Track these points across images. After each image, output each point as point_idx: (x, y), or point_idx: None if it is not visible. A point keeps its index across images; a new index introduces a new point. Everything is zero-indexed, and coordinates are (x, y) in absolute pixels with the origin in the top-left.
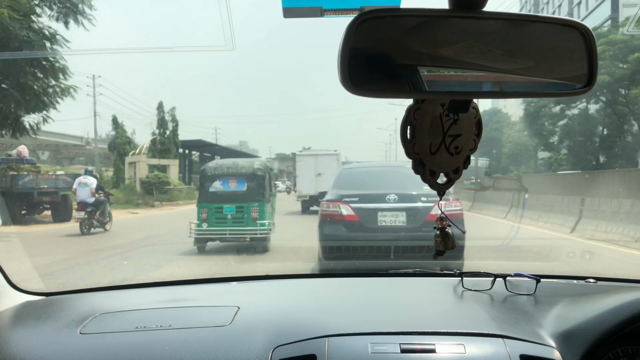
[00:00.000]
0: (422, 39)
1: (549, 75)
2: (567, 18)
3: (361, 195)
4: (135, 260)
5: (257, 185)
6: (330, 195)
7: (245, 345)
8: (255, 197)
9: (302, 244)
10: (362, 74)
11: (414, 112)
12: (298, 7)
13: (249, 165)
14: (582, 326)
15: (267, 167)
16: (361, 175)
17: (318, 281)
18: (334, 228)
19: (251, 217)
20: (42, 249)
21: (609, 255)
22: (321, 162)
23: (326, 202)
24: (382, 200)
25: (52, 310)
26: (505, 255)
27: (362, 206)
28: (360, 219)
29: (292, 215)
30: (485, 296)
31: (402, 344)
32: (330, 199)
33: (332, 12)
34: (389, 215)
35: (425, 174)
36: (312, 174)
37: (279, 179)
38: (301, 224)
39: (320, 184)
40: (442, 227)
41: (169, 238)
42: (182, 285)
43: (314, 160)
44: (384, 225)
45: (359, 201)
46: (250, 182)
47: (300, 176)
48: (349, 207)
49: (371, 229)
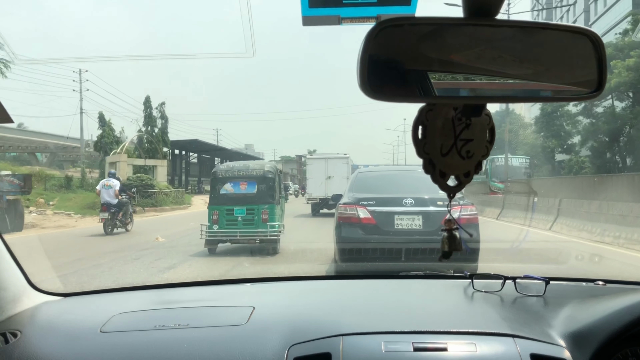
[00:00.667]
0: (437, 46)
1: (559, 80)
2: (578, 25)
3: (378, 198)
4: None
5: (267, 187)
6: (348, 198)
7: (261, 344)
8: (266, 200)
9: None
10: (380, 79)
11: (426, 113)
12: (317, 15)
13: (259, 168)
14: (592, 327)
15: (277, 170)
16: (377, 179)
17: (331, 283)
18: (351, 230)
19: (261, 219)
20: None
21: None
22: (331, 165)
23: (344, 205)
24: (399, 204)
25: (73, 310)
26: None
27: (380, 209)
28: (378, 222)
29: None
30: (495, 297)
31: (415, 342)
32: (347, 201)
33: (350, 20)
34: (406, 219)
35: (436, 175)
36: (322, 177)
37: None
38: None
39: (330, 186)
40: (449, 228)
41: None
42: (196, 287)
43: (324, 163)
44: (400, 228)
45: (376, 204)
46: (260, 184)
47: (310, 179)
48: (366, 210)
49: (388, 232)
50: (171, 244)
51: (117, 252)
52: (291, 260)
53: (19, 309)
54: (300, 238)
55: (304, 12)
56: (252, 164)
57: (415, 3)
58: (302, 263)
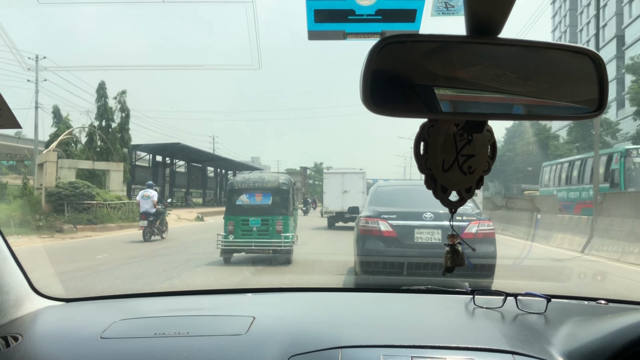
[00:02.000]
0: (440, 63)
1: (561, 99)
2: (579, 45)
3: (399, 212)
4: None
5: (281, 199)
6: (368, 211)
7: (260, 354)
8: (280, 211)
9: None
10: (383, 94)
11: (427, 129)
12: (322, 30)
13: (274, 180)
14: (591, 345)
15: (291, 182)
16: (396, 193)
17: (332, 295)
18: (372, 243)
19: (275, 230)
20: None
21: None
22: (347, 180)
23: (365, 218)
24: (419, 218)
25: (74, 316)
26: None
27: (400, 223)
28: (398, 235)
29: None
30: (496, 314)
31: (414, 356)
32: (368, 215)
33: (355, 35)
34: (425, 233)
35: (437, 190)
36: (338, 191)
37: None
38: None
39: (346, 200)
40: (452, 243)
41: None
42: (198, 295)
43: (340, 178)
44: (420, 242)
45: (396, 218)
46: (275, 196)
47: (327, 193)
48: (387, 224)
49: (408, 244)
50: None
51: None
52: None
53: (20, 313)
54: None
55: (310, 27)
56: (267, 176)
57: (420, 20)
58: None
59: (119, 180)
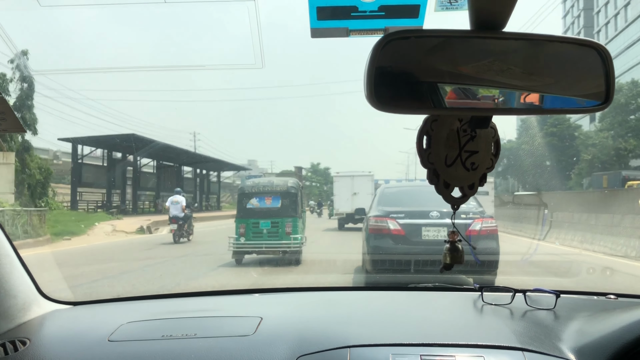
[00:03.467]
0: (444, 58)
1: (568, 93)
2: (585, 38)
3: (406, 211)
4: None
5: (290, 202)
6: (377, 211)
7: (269, 355)
8: (289, 213)
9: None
10: (387, 91)
11: (430, 123)
12: (325, 27)
13: (283, 184)
14: (602, 341)
15: (299, 186)
16: (402, 194)
17: (340, 294)
18: (381, 241)
19: (285, 232)
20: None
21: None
22: (357, 183)
23: (374, 218)
24: (426, 216)
25: (81, 319)
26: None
27: (408, 222)
28: (406, 233)
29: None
30: (505, 310)
31: (423, 355)
32: (377, 214)
33: (358, 32)
34: (432, 230)
35: (440, 185)
36: (348, 194)
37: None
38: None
39: (356, 202)
40: (452, 240)
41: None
42: (204, 297)
43: (350, 180)
44: (427, 239)
45: (404, 217)
46: (284, 199)
47: (337, 195)
48: (396, 222)
49: (415, 242)
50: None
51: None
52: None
53: (28, 317)
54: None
55: (313, 25)
56: (276, 180)
57: (423, 16)
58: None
59: (8, 179)
